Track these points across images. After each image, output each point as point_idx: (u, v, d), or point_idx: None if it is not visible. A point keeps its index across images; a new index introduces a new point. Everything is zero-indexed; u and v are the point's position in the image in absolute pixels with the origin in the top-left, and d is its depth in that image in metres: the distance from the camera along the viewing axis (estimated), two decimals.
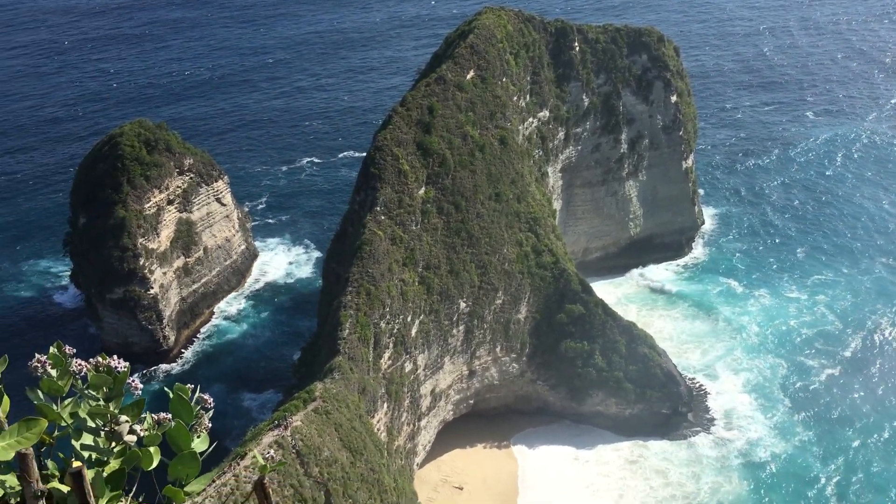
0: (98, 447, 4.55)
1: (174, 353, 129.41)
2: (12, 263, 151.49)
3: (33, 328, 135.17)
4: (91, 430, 4.57)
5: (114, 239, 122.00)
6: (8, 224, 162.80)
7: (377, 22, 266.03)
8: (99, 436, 4.57)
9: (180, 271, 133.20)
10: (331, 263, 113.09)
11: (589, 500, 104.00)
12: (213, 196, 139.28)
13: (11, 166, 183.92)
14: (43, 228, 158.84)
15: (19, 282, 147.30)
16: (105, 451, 4.55)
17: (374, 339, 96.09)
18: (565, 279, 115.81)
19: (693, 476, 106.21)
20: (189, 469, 4.87)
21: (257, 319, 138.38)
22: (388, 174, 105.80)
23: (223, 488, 74.04)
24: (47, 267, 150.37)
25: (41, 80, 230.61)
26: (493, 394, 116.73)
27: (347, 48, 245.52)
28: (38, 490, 4.03)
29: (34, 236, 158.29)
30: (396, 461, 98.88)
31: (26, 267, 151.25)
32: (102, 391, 4.57)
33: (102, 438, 4.57)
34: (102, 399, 4.59)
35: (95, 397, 4.57)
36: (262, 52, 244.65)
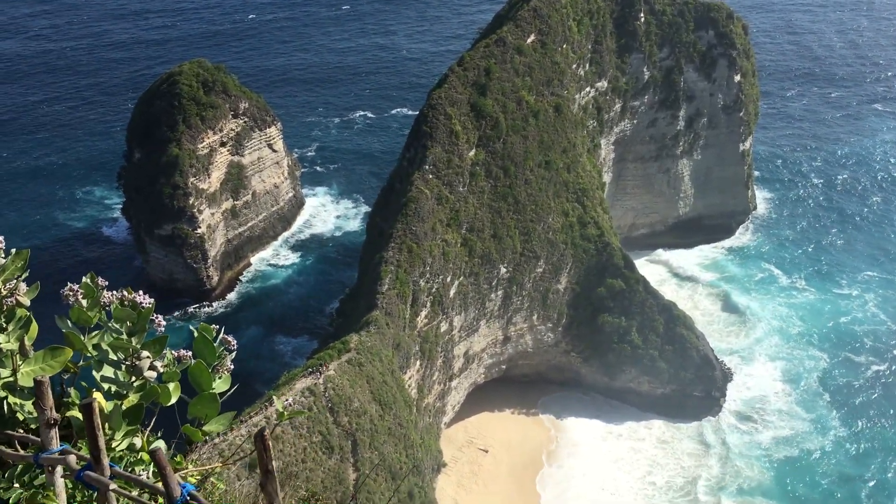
0: (118, 380, 4.65)
1: (216, 294, 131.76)
2: (68, 191, 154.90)
3: (81, 258, 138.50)
4: (112, 363, 4.64)
5: (166, 176, 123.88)
6: (67, 153, 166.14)
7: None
8: (120, 369, 4.66)
9: (228, 213, 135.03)
10: (376, 218, 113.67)
11: (615, 473, 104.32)
12: (266, 141, 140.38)
13: (74, 98, 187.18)
14: (100, 159, 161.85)
15: (73, 211, 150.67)
16: (125, 384, 4.64)
17: (412, 297, 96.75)
18: (608, 253, 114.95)
19: (720, 460, 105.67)
20: (208, 409, 4.92)
21: (300, 267, 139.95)
22: (439, 133, 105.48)
23: (253, 429, 75.83)
24: (101, 197, 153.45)
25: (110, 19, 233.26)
26: (525, 361, 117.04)
27: (410, 3, 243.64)
28: (52, 418, 4.14)
29: (91, 166, 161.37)
30: (424, 418, 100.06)
31: (80, 195, 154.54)
32: (126, 325, 4.62)
33: (123, 372, 4.65)
34: (125, 333, 4.64)
35: (118, 330, 4.62)
36: (329, 4, 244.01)
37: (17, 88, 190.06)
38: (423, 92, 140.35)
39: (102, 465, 3.93)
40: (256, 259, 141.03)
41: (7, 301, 4.50)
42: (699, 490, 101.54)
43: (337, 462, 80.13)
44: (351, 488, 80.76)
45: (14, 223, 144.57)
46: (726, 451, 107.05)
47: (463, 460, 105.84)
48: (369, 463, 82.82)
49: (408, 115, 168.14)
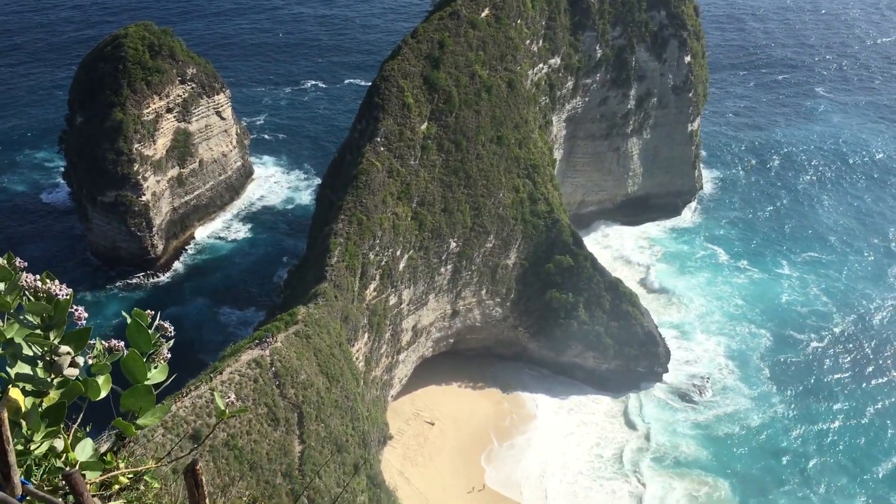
0: (36, 377, 4.16)
1: (161, 263, 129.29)
2: (9, 152, 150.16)
3: (20, 224, 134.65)
4: (27, 360, 4.16)
5: (109, 142, 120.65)
6: (9, 114, 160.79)
7: None
8: (36, 365, 4.18)
9: (174, 181, 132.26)
10: (325, 189, 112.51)
11: (563, 447, 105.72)
12: (214, 109, 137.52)
13: (13, 56, 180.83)
14: (43, 122, 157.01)
15: (13, 173, 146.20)
16: (43, 382, 4.16)
17: (361, 270, 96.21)
18: (557, 229, 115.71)
19: (661, 433, 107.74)
20: (142, 402, 4.51)
21: (247, 239, 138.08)
22: (391, 105, 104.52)
23: (198, 400, 74.89)
24: (42, 160, 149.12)
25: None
26: (474, 335, 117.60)
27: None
28: None
29: (33, 128, 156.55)
30: (372, 391, 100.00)
31: (21, 157, 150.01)
32: (42, 318, 4.15)
33: (40, 368, 4.18)
34: (40, 327, 4.17)
35: (32, 324, 4.14)
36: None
37: None
38: (375, 63, 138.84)
39: (13, 484, 3.47)
40: (203, 229, 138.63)
41: None
42: (641, 462, 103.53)
43: (282, 434, 79.65)
44: (296, 460, 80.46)
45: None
46: (667, 426, 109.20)
47: (409, 433, 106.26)
48: (315, 435, 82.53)
49: (360, 86, 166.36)
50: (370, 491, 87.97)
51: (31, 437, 3.93)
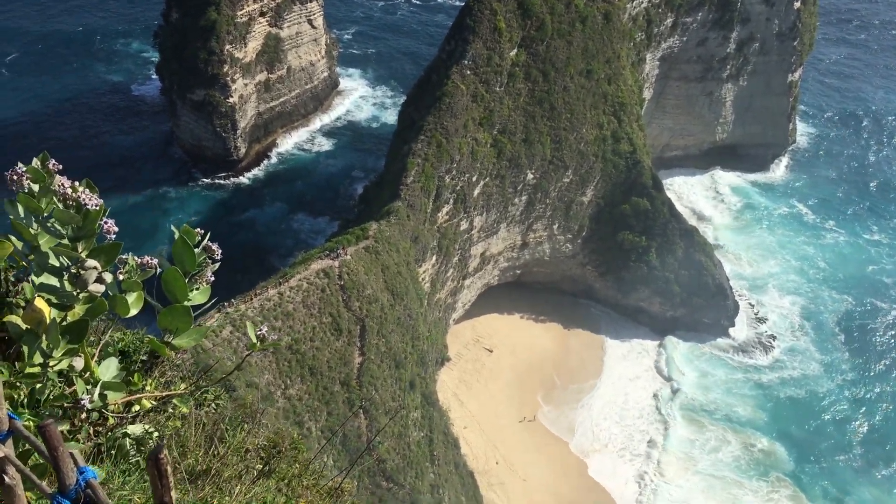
0: (60, 290, 4.00)
1: (243, 166, 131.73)
2: (107, 41, 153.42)
3: (111, 114, 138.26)
4: (53, 271, 3.97)
5: (202, 40, 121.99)
6: (111, 4, 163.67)
7: None
8: (62, 277, 3.99)
9: (261, 86, 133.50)
10: (408, 108, 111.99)
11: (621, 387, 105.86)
12: (306, 16, 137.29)
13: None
14: (140, 14, 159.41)
15: (110, 62, 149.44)
16: (68, 295, 3.99)
17: (436, 192, 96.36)
18: (638, 171, 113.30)
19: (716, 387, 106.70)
20: (180, 322, 4.33)
21: (328, 151, 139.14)
22: (482, 29, 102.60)
23: (266, 303, 77.19)
24: (138, 50, 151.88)
25: None
26: (541, 269, 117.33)
27: None
28: None
29: (131, 19, 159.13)
30: (434, 312, 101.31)
31: (119, 46, 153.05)
32: (70, 228, 3.93)
33: (66, 281, 4.00)
34: (68, 237, 3.95)
35: (59, 233, 3.94)
36: None
37: None
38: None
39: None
40: (286, 138, 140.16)
41: None
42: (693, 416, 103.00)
43: (344, 344, 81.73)
44: (355, 371, 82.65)
45: (51, 67, 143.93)
46: (725, 383, 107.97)
47: (467, 357, 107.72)
48: (375, 349, 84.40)
49: (455, 5, 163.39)
50: (424, 408, 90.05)
51: (50, 352, 3.85)
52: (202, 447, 5.15)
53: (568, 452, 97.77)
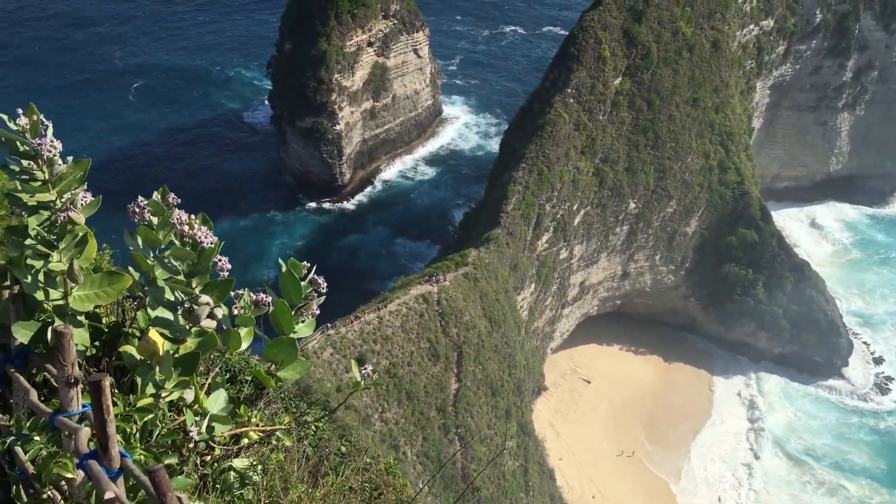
0: (174, 324, 4.11)
1: (347, 191, 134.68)
2: (225, 71, 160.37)
3: (225, 139, 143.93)
4: (168, 305, 4.10)
5: (312, 70, 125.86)
6: (227, 35, 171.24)
7: None
8: (176, 311, 4.11)
9: (367, 113, 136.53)
10: (510, 136, 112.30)
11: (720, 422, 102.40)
12: (412, 46, 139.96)
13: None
14: (255, 44, 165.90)
15: (226, 89, 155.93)
16: (181, 329, 4.12)
17: (535, 220, 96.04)
18: (745, 202, 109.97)
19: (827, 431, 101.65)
20: (285, 354, 4.40)
21: (430, 178, 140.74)
22: (586, 57, 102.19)
23: (366, 326, 78.33)
24: (252, 79, 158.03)
25: None
26: (641, 300, 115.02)
27: None
28: (72, 377, 3.67)
29: (247, 50, 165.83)
30: (532, 341, 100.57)
31: (233, 73, 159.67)
32: (185, 265, 4.05)
33: (180, 315, 4.11)
34: (184, 273, 4.06)
35: (175, 269, 4.06)
36: None
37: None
38: (577, 12, 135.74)
39: (111, 456, 3.38)
40: (389, 165, 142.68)
41: (60, 216, 4.06)
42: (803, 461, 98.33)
43: (441, 370, 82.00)
44: (451, 397, 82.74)
45: (172, 95, 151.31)
46: (837, 428, 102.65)
47: (564, 387, 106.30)
48: (472, 376, 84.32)
49: (559, 34, 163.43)
50: (519, 437, 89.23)
51: (162, 383, 3.96)
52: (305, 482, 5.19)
53: (669, 492, 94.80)
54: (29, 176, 3.97)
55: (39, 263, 3.97)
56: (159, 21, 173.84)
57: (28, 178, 3.97)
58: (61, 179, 4.04)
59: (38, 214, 3.98)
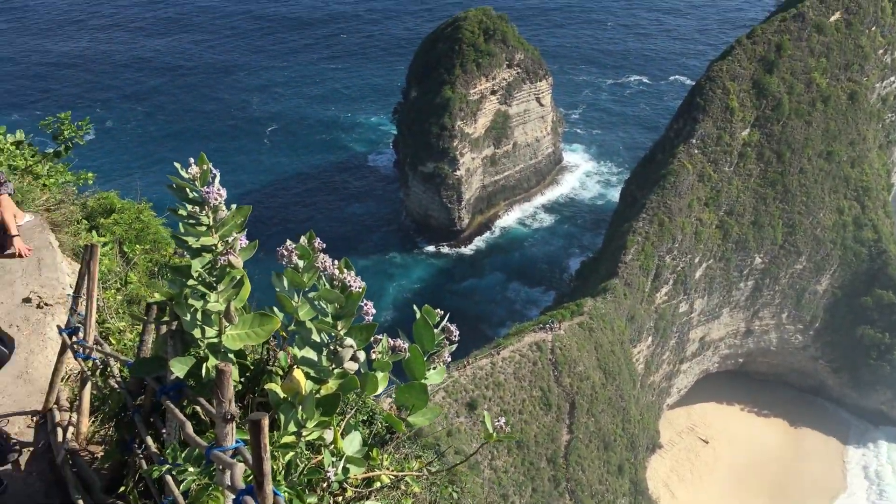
0: (318, 364, 4.31)
1: (465, 236, 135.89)
2: (352, 114, 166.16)
3: (349, 181, 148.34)
4: (314, 345, 4.31)
5: (436, 116, 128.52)
6: (356, 83, 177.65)
7: None
8: (321, 352, 4.31)
9: (487, 160, 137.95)
10: (631, 186, 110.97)
11: (850, 497, 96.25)
12: (534, 95, 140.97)
13: (365, 33, 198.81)
14: (382, 91, 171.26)
15: (353, 133, 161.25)
16: (324, 370, 4.31)
17: (655, 271, 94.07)
18: (883, 261, 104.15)
19: None
20: (416, 399, 4.50)
21: (548, 226, 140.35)
22: (713, 108, 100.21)
23: (479, 371, 78.27)
24: (377, 124, 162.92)
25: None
26: (765, 359, 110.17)
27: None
28: (229, 413, 3.82)
29: (374, 97, 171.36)
30: (647, 395, 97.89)
31: (361, 119, 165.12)
32: (333, 307, 4.23)
33: (324, 356, 4.31)
34: (331, 315, 4.24)
35: (324, 311, 4.24)
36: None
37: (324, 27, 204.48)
38: (704, 61, 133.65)
39: (265, 494, 3.45)
40: (507, 211, 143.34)
41: (221, 259, 4.33)
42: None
43: (552, 420, 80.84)
44: (562, 448, 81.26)
45: (303, 139, 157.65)
46: None
47: (680, 446, 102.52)
48: (584, 428, 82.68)
49: (685, 84, 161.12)
50: (632, 496, 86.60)
51: (304, 422, 4.11)
52: None
53: None
54: (195, 220, 4.27)
55: (199, 303, 4.25)
56: (294, 70, 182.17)
57: (194, 223, 4.27)
58: (223, 225, 4.32)
59: (200, 257, 4.28)
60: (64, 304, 9.34)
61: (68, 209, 12.57)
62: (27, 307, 9.32)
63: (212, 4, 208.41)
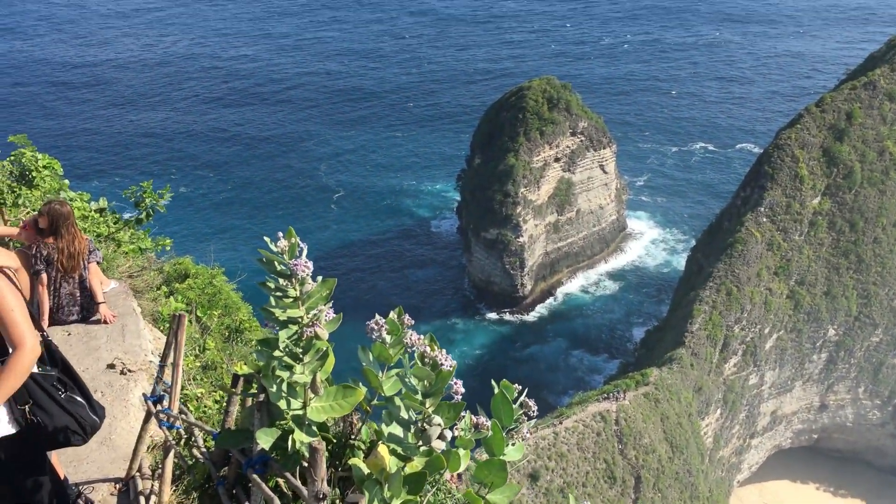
0: (404, 442, 4.30)
1: (527, 303, 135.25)
2: (416, 182, 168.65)
3: (413, 246, 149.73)
4: (402, 422, 4.31)
5: (500, 183, 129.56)
6: (420, 151, 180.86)
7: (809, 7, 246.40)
8: (408, 429, 4.31)
9: (550, 227, 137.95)
10: (697, 254, 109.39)
11: None
12: (598, 162, 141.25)
13: (430, 100, 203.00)
14: (446, 159, 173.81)
15: (417, 198, 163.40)
16: (410, 448, 4.29)
17: (723, 341, 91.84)
18: None
19: None
20: (495, 476, 4.39)
21: (611, 293, 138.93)
22: (781, 176, 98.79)
23: (541, 441, 76.85)
24: (440, 191, 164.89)
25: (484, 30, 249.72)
26: (841, 435, 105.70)
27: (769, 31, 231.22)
28: (321, 492, 3.84)
29: (438, 164, 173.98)
30: (717, 471, 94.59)
31: (425, 186, 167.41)
32: (422, 384, 4.25)
33: (411, 433, 4.30)
34: (420, 392, 4.25)
35: (413, 388, 4.25)
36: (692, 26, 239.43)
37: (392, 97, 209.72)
38: (771, 129, 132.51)
39: None
40: (571, 278, 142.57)
41: (307, 331, 4.40)
42: None
43: (617, 494, 78.59)
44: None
45: (367, 205, 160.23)
46: None
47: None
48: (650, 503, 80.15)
49: (752, 152, 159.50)
50: None
51: (390, 500, 4.06)
52: None
53: None
54: (282, 293, 4.36)
55: (286, 374, 4.31)
56: (362, 139, 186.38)
57: (282, 295, 4.37)
58: (310, 297, 4.40)
59: (287, 329, 4.36)
60: (146, 371, 9.58)
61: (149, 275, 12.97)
62: (111, 373, 9.58)
63: (284, 77, 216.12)
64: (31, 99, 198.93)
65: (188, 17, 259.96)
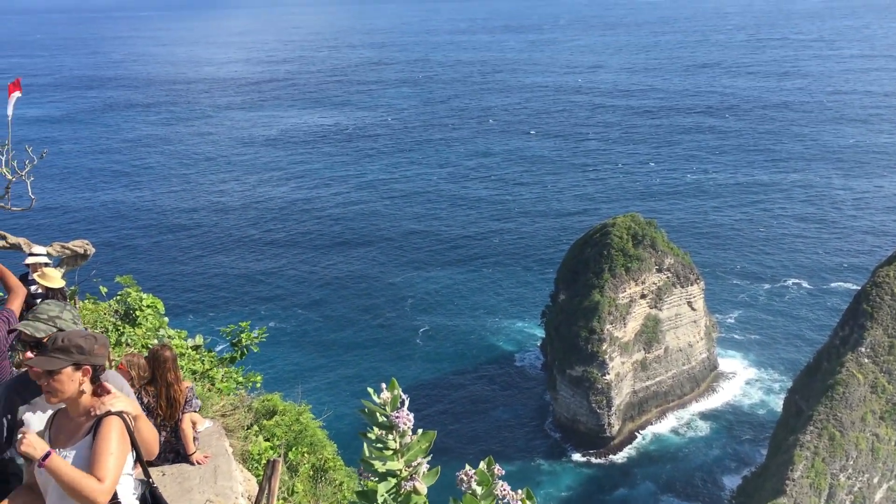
0: None
1: (615, 443, 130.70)
2: (500, 319, 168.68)
3: (497, 381, 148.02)
4: None
5: (585, 320, 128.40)
6: (506, 290, 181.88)
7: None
8: None
9: (638, 364, 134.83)
10: (794, 395, 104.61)
11: None
12: (686, 299, 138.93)
13: (512, 242, 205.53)
14: (530, 295, 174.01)
15: (500, 335, 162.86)
16: None
17: (828, 491, 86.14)
18: None
19: None
20: None
21: (702, 434, 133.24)
22: (881, 315, 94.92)
23: None
24: (524, 327, 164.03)
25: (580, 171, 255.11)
26: None
27: (857, 171, 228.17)
28: None
29: (521, 302, 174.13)
30: None
31: (506, 324, 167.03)
32: None
33: None
34: None
35: None
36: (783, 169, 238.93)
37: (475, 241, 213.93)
38: (867, 265, 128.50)
39: None
40: (660, 418, 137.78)
41: (406, 485, 4.39)
42: None
43: None
44: None
45: (452, 339, 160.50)
46: None
47: None
48: None
49: (849, 290, 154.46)
50: None
51: None
52: None
53: None
54: (383, 445, 4.39)
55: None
56: (447, 280, 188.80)
57: (382, 447, 4.39)
58: (409, 449, 4.41)
59: (386, 481, 4.35)
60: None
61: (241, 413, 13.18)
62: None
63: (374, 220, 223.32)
64: (136, 241, 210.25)
65: (282, 160, 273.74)
